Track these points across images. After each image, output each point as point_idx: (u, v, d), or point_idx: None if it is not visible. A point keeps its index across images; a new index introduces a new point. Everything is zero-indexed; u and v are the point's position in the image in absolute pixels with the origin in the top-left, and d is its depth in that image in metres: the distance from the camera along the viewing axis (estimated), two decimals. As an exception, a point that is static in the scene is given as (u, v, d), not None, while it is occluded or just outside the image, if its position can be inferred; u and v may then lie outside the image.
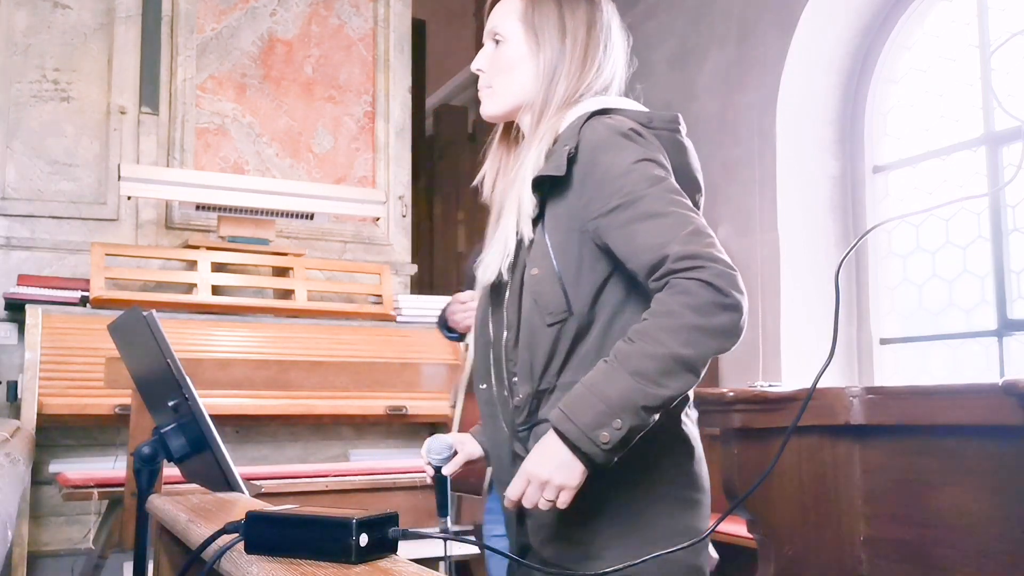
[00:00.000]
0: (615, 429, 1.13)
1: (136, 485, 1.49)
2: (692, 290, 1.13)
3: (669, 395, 1.14)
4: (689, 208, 1.24)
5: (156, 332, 1.47)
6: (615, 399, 1.13)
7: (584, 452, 1.14)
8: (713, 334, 1.14)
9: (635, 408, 1.13)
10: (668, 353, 1.13)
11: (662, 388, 1.14)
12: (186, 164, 4.11)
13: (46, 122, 3.94)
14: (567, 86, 1.37)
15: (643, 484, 1.26)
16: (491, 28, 1.41)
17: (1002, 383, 1.50)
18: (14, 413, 3.40)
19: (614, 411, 1.13)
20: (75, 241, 3.90)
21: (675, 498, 1.28)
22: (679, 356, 1.13)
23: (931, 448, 1.75)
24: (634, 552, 1.19)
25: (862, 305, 3.74)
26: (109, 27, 4.07)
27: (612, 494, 1.25)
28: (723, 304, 1.13)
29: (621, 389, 1.13)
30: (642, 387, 1.13)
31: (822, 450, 1.87)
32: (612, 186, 1.24)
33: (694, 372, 1.16)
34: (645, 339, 1.14)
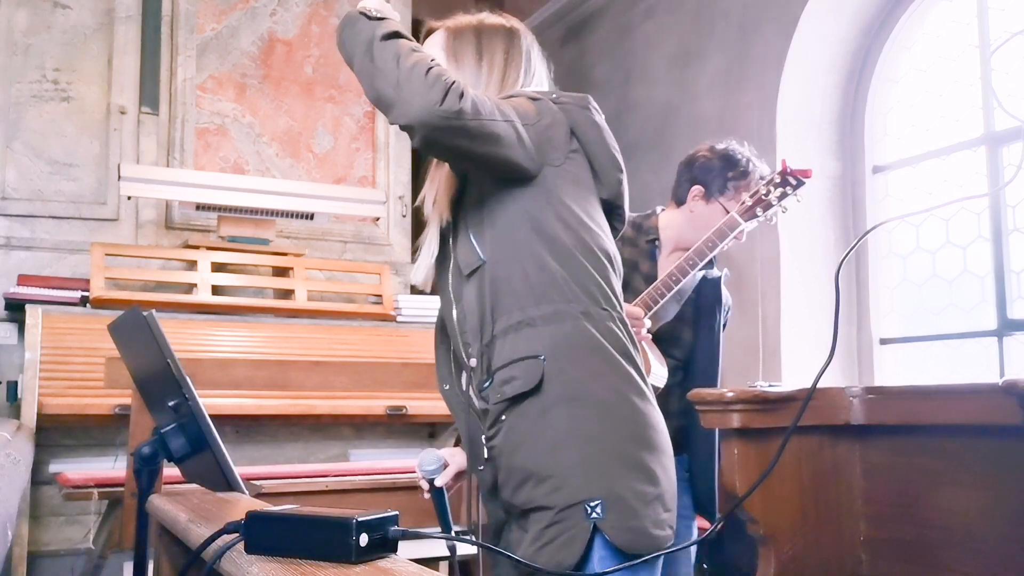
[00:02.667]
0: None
1: (136, 485, 1.49)
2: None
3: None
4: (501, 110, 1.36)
5: (156, 332, 1.47)
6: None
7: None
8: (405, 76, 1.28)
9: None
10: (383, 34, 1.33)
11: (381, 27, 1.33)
12: (186, 164, 4.11)
13: (46, 122, 3.94)
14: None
15: (598, 421, 1.33)
16: None
17: (1002, 383, 1.50)
18: (14, 413, 3.40)
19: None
20: (75, 241, 3.90)
21: (630, 434, 1.34)
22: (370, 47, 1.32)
23: (931, 448, 1.75)
24: (596, 478, 1.29)
25: (862, 305, 3.74)
26: (109, 27, 4.07)
27: (569, 433, 1.32)
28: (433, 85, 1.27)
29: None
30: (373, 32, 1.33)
31: (822, 450, 1.87)
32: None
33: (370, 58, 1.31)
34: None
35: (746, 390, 1.82)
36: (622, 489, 1.29)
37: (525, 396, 1.32)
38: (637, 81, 4.59)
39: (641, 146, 4.47)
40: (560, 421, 1.31)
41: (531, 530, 1.32)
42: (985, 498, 1.65)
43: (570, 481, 1.29)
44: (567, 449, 1.30)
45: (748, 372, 3.73)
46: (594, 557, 1.28)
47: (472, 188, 1.44)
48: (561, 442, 1.31)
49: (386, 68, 1.29)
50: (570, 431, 1.31)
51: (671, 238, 2.37)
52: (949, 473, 1.71)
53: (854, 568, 1.86)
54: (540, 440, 1.32)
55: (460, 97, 1.27)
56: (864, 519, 1.88)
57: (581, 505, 1.28)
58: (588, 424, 1.32)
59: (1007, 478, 1.61)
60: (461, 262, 1.41)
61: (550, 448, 1.31)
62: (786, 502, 1.82)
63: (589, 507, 1.27)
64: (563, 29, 5.27)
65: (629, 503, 1.29)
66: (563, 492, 1.29)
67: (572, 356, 1.33)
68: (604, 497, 1.28)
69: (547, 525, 1.30)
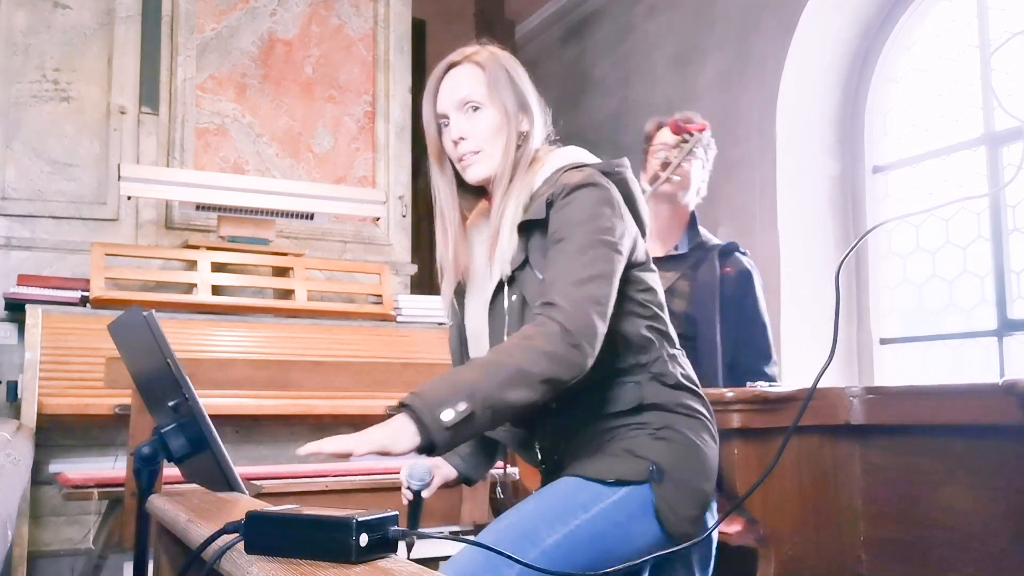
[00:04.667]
0: (458, 411, 1.26)
1: (136, 485, 1.49)
2: (548, 325, 1.35)
3: (510, 401, 1.30)
4: (608, 262, 1.42)
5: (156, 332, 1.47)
6: (462, 385, 1.29)
7: (426, 425, 1.26)
8: (556, 360, 1.32)
9: (480, 398, 1.27)
10: (515, 364, 1.31)
11: (504, 392, 1.29)
12: (186, 164, 4.11)
13: (46, 122, 3.94)
14: (532, 147, 1.57)
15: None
16: (463, 97, 1.54)
17: (1002, 383, 1.50)
18: (14, 413, 3.40)
19: (460, 395, 1.27)
20: (75, 241, 3.89)
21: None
22: (524, 370, 1.30)
23: (931, 448, 1.75)
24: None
25: (862, 305, 3.74)
26: (109, 27, 4.07)
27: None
28: (570, 342, 1.33)
29: (470, 380, 1.30)
30: (488, 384, 1.29)
31: (822, 450, 1.87)
32: (570, 222, 1.43)
33: (533, 388, 1.31)
34: (501, 353, 1.34)
35: (746, 390, 1.82)
36: (686, 476, 1.44)
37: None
38: (637, 81, 4.59)
39: (641, 146, 4.47)
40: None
41: (595, 439, 1.46)
42: (985, 498, 1.65)
43: (647, 448, 1.44)
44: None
45: (748, 372, 3.73)
46: (631, 498, 1.41)
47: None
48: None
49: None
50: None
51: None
52: (949, 473, 1.71)
53: (854, 568, 1.86)
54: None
55: (579, 349, 1.35)
56: (864, 519, 1.88)
57: (649, 462, 1.42)
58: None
59: (1007, 478, 1.61)
60: (530, 296, 1.47)
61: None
62: (786, 502, 1.82)
63: (654, 467, 1.41)
64: (563, 29, 5.27)
65: (682, 490, 1.43)
66: (642, 447, 1.43)
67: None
68: (670, 470, 1.42)
69: (608, 454, 1.44)
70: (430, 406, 1.27)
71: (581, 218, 1.42)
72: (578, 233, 1.42)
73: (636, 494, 1.41)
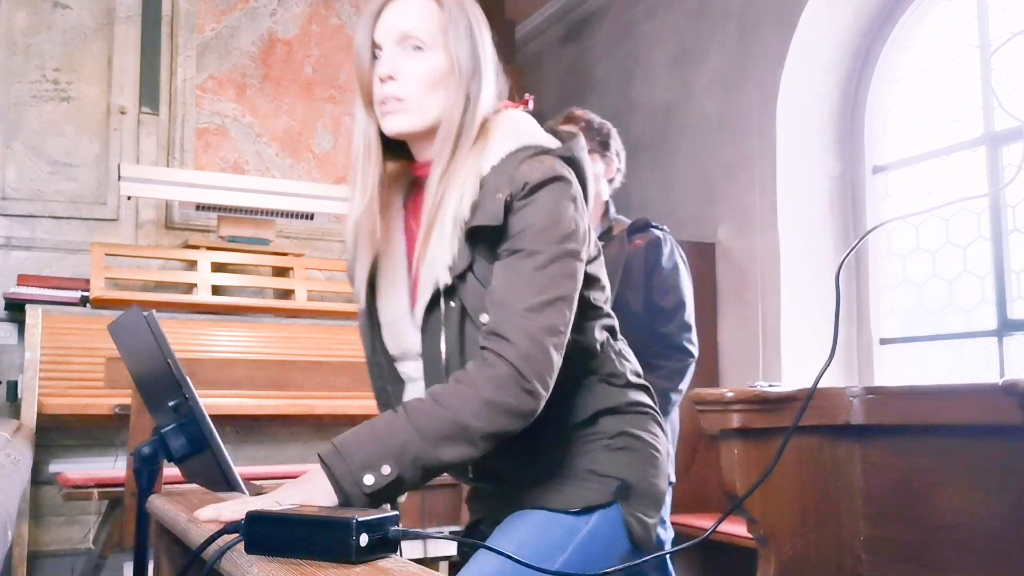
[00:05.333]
0: (382, 475, 1.12)
1: (136, 485, 1.49)
2: (497, 367, 1.17)
3: (445, 461, 1.15)
4: (571, 279, 1.25)
5: (156, 332, 1.47)
6: (392, 445, 1.13)
7: (344, 491, 1.12)
8: (503, 412, 1.16)
9: (409, 460, 1.13)
10: (456, 419, 1.15)
11: (440, 451, 1.14)
12: (186, 164, 4.12)
13: (46, 122, 3.94)
14: (479, 116, 1.30)
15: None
16: (406, 30, 1.28)
17: (1002, 383, 1.50)
18: (14, 413, 3.40)
19: (386, 456, 1.12)
20: (75, 241, 3.90)
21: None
22: (465, 425, 1.15)
23: (931, 448, 1.75)
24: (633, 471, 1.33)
25: (862, 305, 3.74)
26: (109, 27, 4.07)
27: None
28: (523, 387, 1.17)
29: (400, 439, 1.13)
30: (421, 444, 1.13)
31: (822, 450, 1.87)
32: (530, 230, 1.23)
33: (473, 444, 1.16)
34: (440, 401, 1.16)
35: (746, 390, 1.82)
36: (647, 485, 1.35)
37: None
38: (637, 81, 4.59)
39: (641, 146, 4.47)
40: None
41: (548, 457, 1.33)
42: (985, 498, 1.65)
43: (608, 464, 1.32)
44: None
45: (748, 372, 3.73)
46: (603, 523, 1.31)
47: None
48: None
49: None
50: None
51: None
52: (949, 473, 1.71)
53: (854, 568, 1.86)
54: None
55: (534, 395, 1.19)
56: (864, 519, 1.88)
57: (613, 480, 1.31)
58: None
59: (1007, 478, 1.61)
60: (472, 306, 1.27)
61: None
62: (786, 502, 1.82)
63: (619, 484, 1.31)
64: (563, 29, 5.27)
65: (647, 499, 1.34)
66: (603, 464, 1.33)
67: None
68: (635, 484, 1.33)
69: (569, 477, 1.32)
70: (350, 469, 1.11)
71: (543, 224, 1.22)
72: (539, 245, 1.22)
73: (606, 518, 1.31)
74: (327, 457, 1.13)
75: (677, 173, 4.25)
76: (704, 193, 4.09)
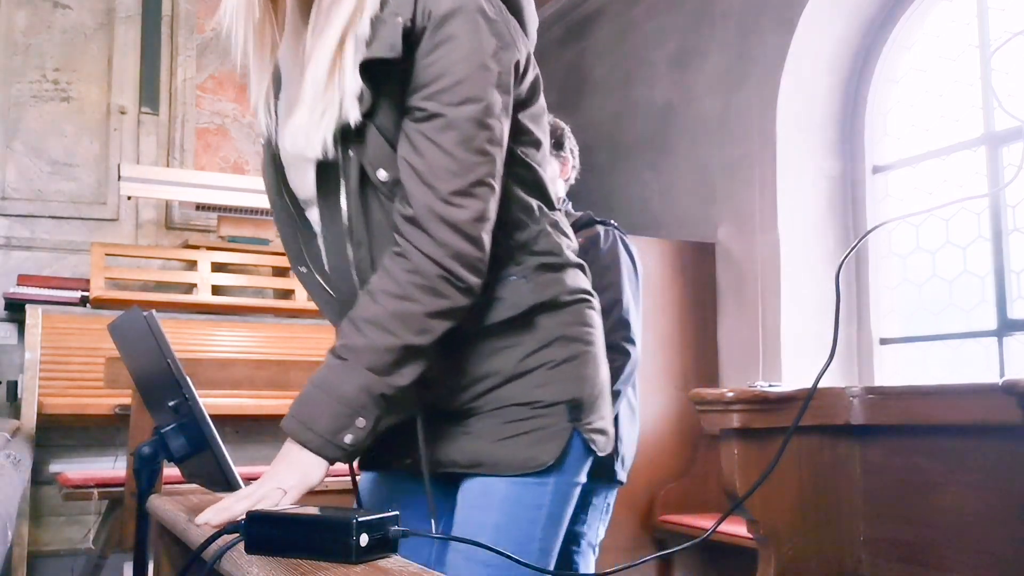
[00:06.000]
0: (359, 428, 1.08)
1: (136, 485, 1.49)
2: (426, 271, 1.08)
3: (407, 383, 1.10)
4: (497, 146, 1.11)
5: (156, 332, 1.47)
6: (353, 396, 1.07)
7: (330, 457, 1.09)
8: (445, 316, 1.10)
9: (373, 402, 1.08)
10: (402, 344, 1.08)
11: (397, 378, 1.09)
12: (186, 164, 4.12)
13: (46, 122, 3.94)
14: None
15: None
16: None
17: (1002, 383, 1.50)
18: (14, 413, 3.40)
19: (355, 410, 1.07)
20: (75, 241, 3.90)
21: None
22: (413, 346, 1.09)
23: (931, 448, 1.75)
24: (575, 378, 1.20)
25: (862, 305, 3.74)
26: (109, 27, 4.07)
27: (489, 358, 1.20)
28: (458, 288, 1.09)
29: (357, 385, 1.07)
30: (378, 381, 1.08)
31: (822, 450, 1.87)
32: (447, 86, 1.07)
33: (425, 355, 1.11)
34: (378, 329, 1.08)
35: (746, 390, 1.82)
36: (593, 390, 1.24)
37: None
38: (637, 81, 4.59)
39: (641, 146, 4.47)
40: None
41: (481, 425, 1.20)
42: (985, 498, 1.65)
43: (553, 388, 1.19)
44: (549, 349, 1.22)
45: (748, 372, 3.73)
46: (567, 466, 1.21)
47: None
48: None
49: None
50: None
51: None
52: (949, 473, 1.71)
53: (854, 568, 1.86)
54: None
55: (469, 292, 1.11)
56: (864, 519, 1.88)
57: (564, 405, 1.19)
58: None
59: (1007, 478, 1.61)
60: (372, 165, 1.13)
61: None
62: (786, 502, 1.82)
63: (571, 407, 1.20)
64: (563, 29, 5.26)
65: (598, 404, 1.24)
66: (547, 388, 1.19)
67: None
68: (584, 397, 1.21)
69: (515, 420, 1.18)
70: (324, 437, 1.08)
71: (460, 74, 1.06)
72: (459, 108, 1.07)
73: (569, 457, 1.20)
74: (298, 434, 1.09)
75: (677, 173, 4.25)
76: (704, 193, 4.09)
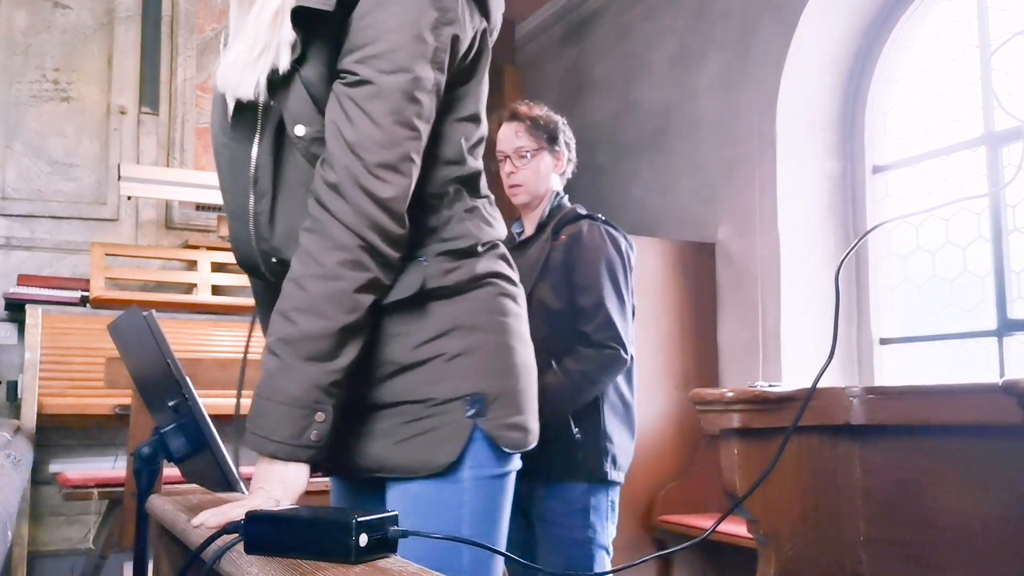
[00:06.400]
0: (320, 422, 1.06)
1: (136, 485, 1.49)
2: (347, 245, 1.06)
3: (352, 360, 1.08)
4: (423, 120, 1.10)
5: (156, 332, 1.47)
6: (302, 395, 1.06)
7: (303, 459, 1.07)
8: (369, 290, 1.09)
9: (325, 389, 1.06)
10: (337, 327, 1.06)
11: (342, 359, 1.07)
12: (186, 164, 4.12)
13: (46, 122, 3.94)
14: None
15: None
16: None
17: (1002, 383, 1.50)
18: (14, 413, 3.40)
19: (310, 407, 1.06)
20: (75, 241, 3.90)
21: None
22: (347, 325, 1.07)
23: (931, 448, 1.75)
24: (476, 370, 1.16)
25: (862, 305, 3.74)
26: (109, 27, 4.07)
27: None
28: (382, 263, 1.09)
29: (303, 381, 1.05)
30: (324, 369, 1.06)
31: (822, 450, 1.87)
32: (379, 54, 1.06)
33: (362, 330, 1.09)
34: (310, 316, 1.06)
35: (746, 390, 1.82)
36: (503, 383, 1.18)
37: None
38: (637, 81, 4.59)
39: (641, 146, 4.47)
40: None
41: (382, 426, 1.16)
42: (985, 498, 1.65)
43: (449, 382, 1.15)
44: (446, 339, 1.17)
45: (748, 372, 3.73)
46: (476, 455, 1.16)
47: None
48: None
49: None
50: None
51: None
52: (949, 473, 1.71)
53: (854, 568, 1.86)
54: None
55: (388, 264, 1.10)
56: (864, 519, 1.88)
57: (462, 400, 1.15)
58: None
59: (1007, 478, 1.61)
60: (292, 119, 1.12)
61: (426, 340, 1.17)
62: (786, 502, 1.82)
63: (471, 402, 1.15)
64: (563, 29, 5.27)
65: (510, 398, 1.18)
66: (442, 384, 1.15)
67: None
68: (487, 391, 1.16)
69: (412, 420, 1.15)
70: (293, 442, 1.06)
71: (394, 42, 1.06)
72: (391, 77, 1.06)
73: (476, 455, 1.15)
74: (263, 448, 1.07)
75: (677, 173, 4.25)
76: (704, 193, 4.09)
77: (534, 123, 2.34)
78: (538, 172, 2.34)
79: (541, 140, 2.34)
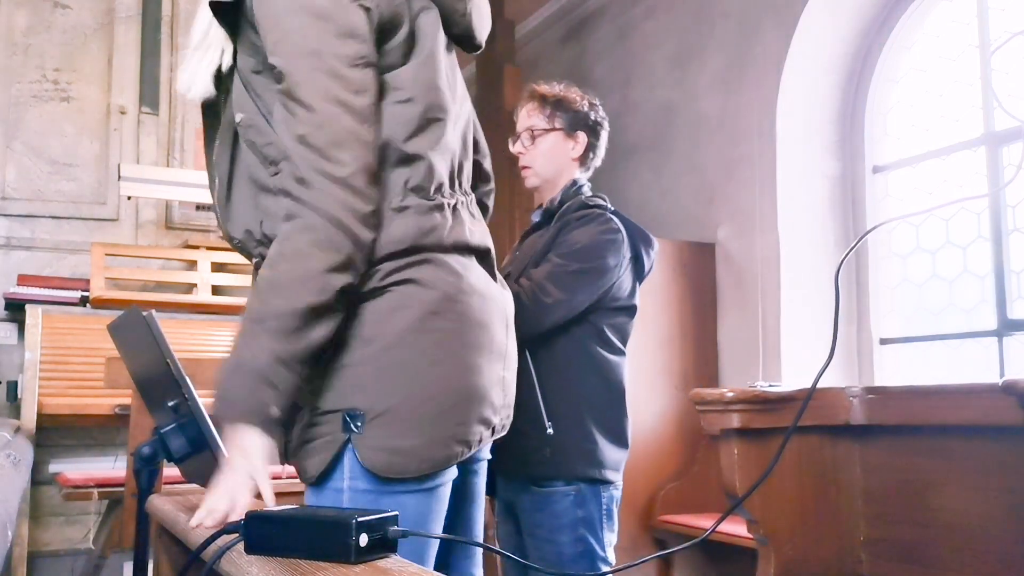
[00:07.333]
0: (280, 396, 1.09)
1: (136, 485, 1.49)
2: (318, 226, 1.08)
3: (319, 342, 1.09)
4: (351, 111, 1.10)
5: (156, 332, 1.47)
6: (264, 367, 1.07)
7: (263, 428, 1.09)
8: (341, 271, 1.09)
9: (287, 365, 1.08)
10: (305, 307, 1.07)
11: (309, 339, 1.08)
12: (186, 164, 4.12)
13: (46, 122, 3.94)
14: None
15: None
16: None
17: (1002, 383, 1.50)
18: (14, 413, 3.40)
19: (269, 381, 1.07)
20: (75, 241, 3.90)
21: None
22: (316, 306, 1.08)
23: (931, 448, 1.75)
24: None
25: (862, 305, 3.74)
26: (109, 27, 4.07)
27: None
28: (354, 241, 1.09)
29: (267, 355, 1.07)
30: (286, 346, 1.07)
31: (822, 450, 1.87)
32: (273, 36, 1.09)
33: (334, 312, 1.10)
34: (279, 295, 1.08)
35: (746, 390, 1.82)
36: (387, 401, 1.13)
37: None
38: (637, 81, 4.59)
39: (641, 146, 4.47)
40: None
41: (298, 429, 1.19)
42: (985, 498, 1.65)
43: (333, 384, 1.15)
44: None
45: (748, 372, 3.73)
46: (341, 473, 1.14)
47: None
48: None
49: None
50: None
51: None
52: (949, 473, 1.71)
53: (854, 568, 1.86)
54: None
55: (360, 245, 1.10)
56: (864, 519, 1.88)
57: (339, 414, 1.14)
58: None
59: (1007, 478, 1.61)
60: (261, 156, 1.18)
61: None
62: (786, 502, 1.82)
63: (347, 418, 1.13)
64: (563, 29, 5.26)
65: (394, 419, 1.13)
66: (326, 395, 1.15)
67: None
68: (364, 409, 1.13)
69: (305, 426, 1.17)
70: (258, 414, 1.08)
71: (289, 25, 1.08)
72: (298, 58, 1.08)
73: (350, 469, 1.13)
74: (230, 418, 1.10)
75: (677, 173, 4.25)
76: (704, 193, 4.08)
77: (545, 101, 2.21)
78: (547, 154, 2.19)
79: (554, 120, 2.20)
